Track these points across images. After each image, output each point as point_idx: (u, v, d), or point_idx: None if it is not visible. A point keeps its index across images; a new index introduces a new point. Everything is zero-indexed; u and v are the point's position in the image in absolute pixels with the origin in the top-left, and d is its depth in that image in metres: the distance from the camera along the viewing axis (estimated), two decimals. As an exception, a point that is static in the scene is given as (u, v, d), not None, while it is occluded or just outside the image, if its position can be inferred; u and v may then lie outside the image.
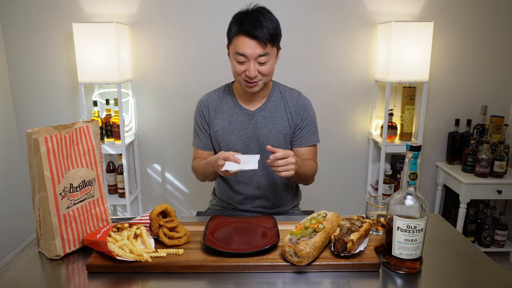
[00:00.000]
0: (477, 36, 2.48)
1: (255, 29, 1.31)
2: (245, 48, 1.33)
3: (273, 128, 1.48)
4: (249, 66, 1.34)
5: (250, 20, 1.33)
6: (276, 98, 1.51)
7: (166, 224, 1.08)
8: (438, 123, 2.62)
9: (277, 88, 1.54)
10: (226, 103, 1.52)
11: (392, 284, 0.94)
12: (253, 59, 1.34)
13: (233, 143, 1.49)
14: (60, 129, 1.05)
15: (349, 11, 2.45)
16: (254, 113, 1.49)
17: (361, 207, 2.74)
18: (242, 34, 1.33)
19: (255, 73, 1.35)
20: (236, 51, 1.35)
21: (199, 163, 1.52)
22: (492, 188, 2.30)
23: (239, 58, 1.35)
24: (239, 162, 1.24)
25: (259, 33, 1.31)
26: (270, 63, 1.37)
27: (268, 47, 1.34)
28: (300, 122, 1.50)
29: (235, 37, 1.35)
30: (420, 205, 0.95)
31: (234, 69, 1.39)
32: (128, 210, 2.47)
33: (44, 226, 1.02)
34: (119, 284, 0.93)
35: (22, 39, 2.46)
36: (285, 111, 1.50)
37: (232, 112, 1.50)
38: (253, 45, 1.32)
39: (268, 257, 0.99)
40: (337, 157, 2.66)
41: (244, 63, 1.36)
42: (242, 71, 1.37)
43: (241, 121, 1.49)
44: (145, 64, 2.51)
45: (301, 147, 1.52)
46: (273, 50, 1.38)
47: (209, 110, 1.52)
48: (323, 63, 2.52)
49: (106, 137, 2.42)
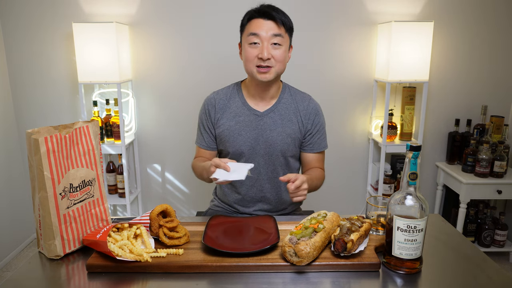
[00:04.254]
0: (477, 36, 2.48)
1: (270, 11, 1.33)
2: (259, 28, 1.32)
3: (282, 131, 1.44)
4: (262, 48, 1.32)
5: (265, 7, 1.35)
6: (286, 100, 1.47)
7: (166, 224, 1.08)
8: (438, 123, 2.62)
9: (287, 90, 1.50)
10: (234, 102, 1.47)
11: (392, 284, 0.94)
12: (266, 40, 1.32)
13: (239, 144, 1.44)
14: (60, 129, 1.05)
15: (349, 11, 2.45)
16: (263, 114, 1.45)
17: (361, 207, 2.75)
18: (257, 17, 1.34)
19: (268, 55, 1.32)
20: (250, 32, 1.33)
21: (198, 164, 1.49)
22: (492, 188, 2.30)
23: (252, 39, 1.33)
24: (229, 170, 1.20)
25: (274, 13, 1.32)
26: (284, 50, 1.36)
27: (282, 29, 1.34)
28: (311, 127, 1.47)
29: (250, 21, 1.35)
30: (420, 205, 0.95)
31: (246, 56, 1.36)
32: (128, 210, 2.47)
33: (44, 226, 1.02)
34: (119, 284, 0.93)
35: (22, 39, 2.46)
36: (296, 115, 1.46)
37: (239, 112, 1.46)
38: (268, 25, 1.32)
39: (268, 257, 0.99)
40: (337, 157, 2.66)
41: (257, 45, 1.33)
42: (255, 55, 1.33)
43: (248, 122, 1.44)
44: (145, 64, 2.51)
45: (311, 153, 1.50)
46: (287, 37, 1.37)
47: (216, 109, 1.48)
48: (323, 63, 2.52)
49: (106, 137, 2.42)
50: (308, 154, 1.51)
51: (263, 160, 1.47)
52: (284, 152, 1.46)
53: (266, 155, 1.46)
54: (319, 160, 1.53)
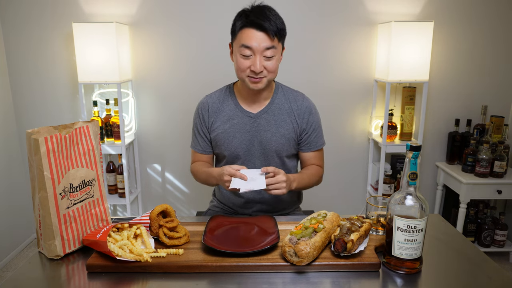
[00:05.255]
0: (477, 36, 2.48)
1: (262, 21, 1.27)
2: (251, 40, 1.28)
3: (276, 132, 1.44)
4: (255, 60, 1.29)
5: (257, 14, 1.29)
6: (279, 100, 1.46)
7: (166, 224, 1.08)
8: (438, 123, 2.62)
9: (280, 89, 1.49)
10: (227, 105, 1.47)
11: (392, 284, 0.94)
12: (259, 52, 1.29)
13: (234, 146, 1.44)
14: (60, 129, 1.05)
15: (349, 11, 2.45)
16: (257, 116, 1.44)
17: (361, 207, 2.74)
18: (248, 27, 1.28)
19: (261, 68, 1.30)
20: (242, 44, 1.29)
21: (199, 169, 1.48)
22: (492, 188, 2.30)
23: (244, 52, 1.30)
24: (246, 179, 1.22)
25: (266, 25, 1.27)
26: (276, 59, 1.33)
27: (275, 41, 1.30)
28: (306, 126, 1.46)
29: (241, 30, 1.30)
30: (420, 205, 0.95)
31: (238, 65, 1.33)
32: (128, 210, 2.47)
33: (44, 226, 1.02)
34: (119, 284, 0.93)
35: (22, 39, 2.46)
36: (289, 114, 1.45)
37: (233, 115, 1.45)
38: (260, 37, 1.28)
39: (268, 257, 0.99)
40: (337, 157, 2.66)
41: (250, 57, 1.30)
42: (247, 66, 1.31)
43: (242, 124, 1.44)
44: (145, 64, 2.51)
45: (309, 152, 1.50)
46: (279, 46, 1.34)
47: (209, 113, 1.47)
48: (323, 63, 2.52)
49: (106, 137, 2.42)
50: (306, 153, 1.51)
51: (259, 161, 1.47)
52: (279, 153, 1.46)
53: (261, 156, 1.46)
54: (317, 157, 1.53)
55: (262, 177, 1.25)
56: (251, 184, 1.21)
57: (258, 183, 1.22)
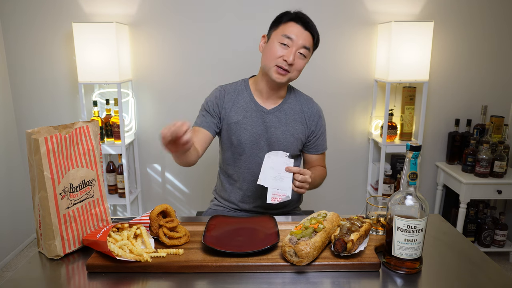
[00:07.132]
0: (477, 36, 2.48)
1: (309, 24, 1.39)
2: (296, 34, 1.36)
3: (285, 130, 1.48)
4: (290, 51, 1.36)
5: (305, 16, 1.41)
6: (291, 101, 1.52)
7: (166, 224, 1.08)
8: (438, 123, 2.61)
9: (292, 91, 1.55)
10: (242, 97, 1.50)
11: (392, 284, 0.94)
12: (297, 46, 1.36)
13: (244, 138, 1.48)
14: (60, 129, 1.05)
15: (349, 11, 2.45)
16: (270, 112, 1.48)
17: (361, 207, 2.74)
18: (297, 22, 1.38)
19: (293, 60, 1.36)
20: (284, 34, 1.37)
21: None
22: (492, 188, 2.30)
23: (284, 41, 1.36)
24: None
25: (312, 28, 1.40)
26: (305, 61, 1.41)
27: (312, 45, 1.40)
28: (315, 129, 1.53)
29: (288, 22, 1.38)
30: (420, 205, 0.95)
31: (272, 52, 1.37)
32: (128, 210, 2.47)
33: (44, 226, 1.02)
34: (119, 284, 0.93)
35: (22, 39, 2.46)
36: (300, 116, 1.51)
37: (247, 107, 1.49)
38: (303, 34, 1.37)
39: (268, 257, 0.99)
40: (337, 157, 2.66)
41: (287, 47, 1.37)
42: (280, 55, 1.37)
43: (255, 118, 1.48)
44: (145, 64, 2.51)
45: (315, 154, 1.57)
46: (310, 53, 1.42)
47: (225, 100, 1.49)
48: (323, 63, 2.52)
49: (106, 137, 2.42)
50: (311, 155, 1.58)
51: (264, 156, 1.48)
52: (285, 151, 1.47)
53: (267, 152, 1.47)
54: (321, 159, 1.61)
55: (290, 176, 1.28)
56: (278, 183, 1.26)
57: (285, 184, 1.26)
